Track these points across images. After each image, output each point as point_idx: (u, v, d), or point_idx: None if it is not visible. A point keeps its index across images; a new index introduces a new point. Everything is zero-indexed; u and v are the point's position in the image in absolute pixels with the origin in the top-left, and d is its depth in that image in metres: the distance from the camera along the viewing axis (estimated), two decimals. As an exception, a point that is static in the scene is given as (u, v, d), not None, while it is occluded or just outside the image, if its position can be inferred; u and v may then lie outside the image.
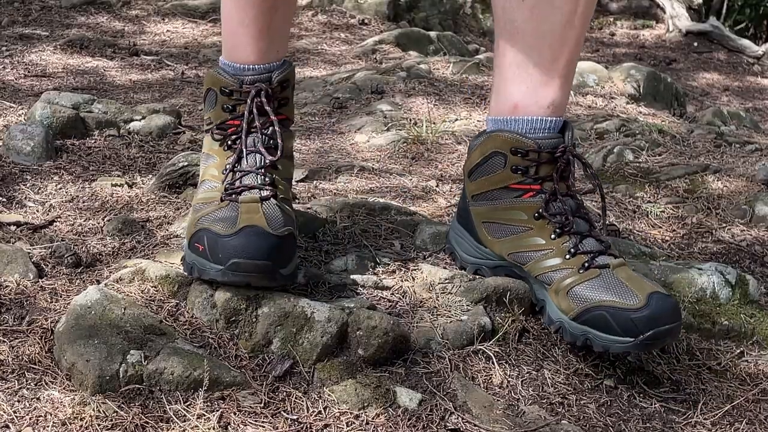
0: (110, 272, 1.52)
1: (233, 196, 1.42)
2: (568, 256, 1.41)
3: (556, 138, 1.45)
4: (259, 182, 1.45)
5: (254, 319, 1.34)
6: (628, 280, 1.36)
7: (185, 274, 1.41)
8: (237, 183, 1.44)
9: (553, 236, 1.43)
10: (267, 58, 1.53)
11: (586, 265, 1.39)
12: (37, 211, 1.80)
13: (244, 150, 1.48)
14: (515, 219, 1.47)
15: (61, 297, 1.44)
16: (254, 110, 1.49)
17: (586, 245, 1.41)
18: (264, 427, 1.20)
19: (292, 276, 1.39)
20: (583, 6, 1.41)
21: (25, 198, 1.86)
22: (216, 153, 1.51)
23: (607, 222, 1.95)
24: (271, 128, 1.49)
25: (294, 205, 1.63)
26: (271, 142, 1.49)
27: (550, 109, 1.45)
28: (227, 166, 1.47)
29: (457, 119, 2.80)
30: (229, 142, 1.50)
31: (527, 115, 1.46)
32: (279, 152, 1.48)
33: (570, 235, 1.42)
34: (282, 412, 1.23)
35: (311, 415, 1.23)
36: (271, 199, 1.42)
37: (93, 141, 2.27)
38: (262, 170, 1.46)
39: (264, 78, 1.51)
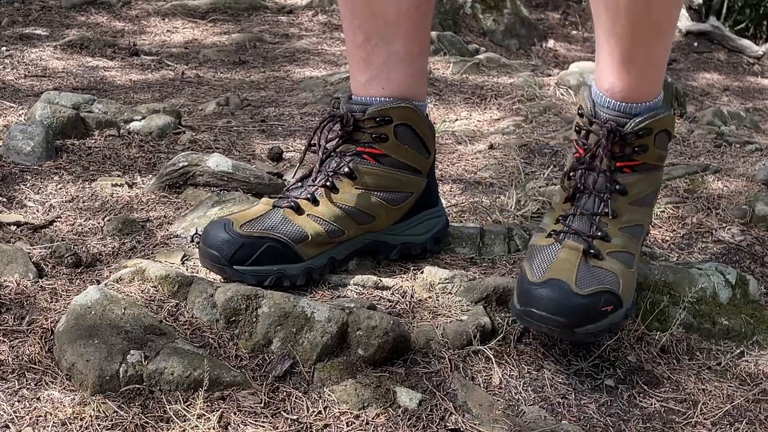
0: (110, 272, 1.52)
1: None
2: (557, 221, 1.44)
3: (610, 114, 1.44)
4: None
5: (254, 319, 1.34)
6: (560, 261, 1.37)
7: (186, 274, 1.41)
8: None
9: (564, 200, 1.46)
10: (367, 91, 1.53)
11: (552, 234, 1.42)
12: (37, 211, 1.80)
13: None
14: (567, 170, 1.49)
15: (61, 297, 1.44)
16: (322, 138, 1.53)
17: (574, 222, 1.43)
18: (264, 427, 1.20)
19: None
20: (624, 6, 1.38)
21: (25, 198, 1.86)
22: None
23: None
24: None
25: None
26: None
27: (609, 92, 1.45)
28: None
29: (457, 119, 2.80)
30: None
31: (596, 84, 1.48)
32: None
33: (572, 205, 1.44)
34: (282, 412, 1.23)
35: (311, 415, 1.23)
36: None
37: (93, 141, 2.27)
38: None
39: (357, 109, 1.52)
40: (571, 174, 1.46)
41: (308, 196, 1.52)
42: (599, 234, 1.41)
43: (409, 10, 1.50)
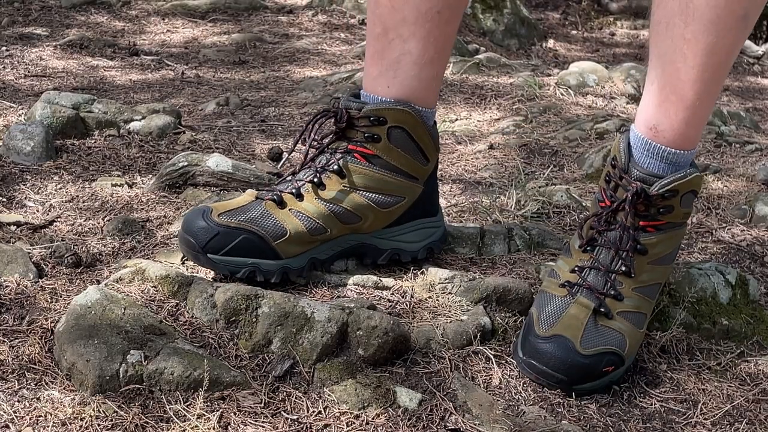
0: (110, 272, 1.52)
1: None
2: (573, 270, 1.43)
3: (643, 168, 1.42)
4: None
5: (254, 319, 1.34)
6: (569, 316, 1.37)
7: (186, 274, 1.41)
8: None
9: (581, 246, 1.45)
10: (374, 87, 1.51)
11: (566, 285, 1.41)
12: (37, 211, 1.80)
13: None
14: (589, 216, 1.48)
15: (61, 297, 1.44)
16: (315, 133, 1.52)
17: (590, 276, 1.42)
18: (264, 427, 1.20)
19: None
20: (692, 34, 1.34)
21: (25, 198, 1.86)
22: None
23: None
24: None
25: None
26: None
27: (651, 132, 1.42)
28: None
29: (457, 119, 2.80)
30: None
31: (636, 127, 1.45)
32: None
33: (591, 257, 1.43)
34: (282, 412, 1.23)
35: (311, 415, 1.23)
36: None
37: (93, 141, 2.27)
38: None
39: (354, 106, 1.50)
40: (592, 222, 1.45)
41: (293, 190, 1.50)
42: (612, 293, 1.40)
43: (429, 13, 1.46)
